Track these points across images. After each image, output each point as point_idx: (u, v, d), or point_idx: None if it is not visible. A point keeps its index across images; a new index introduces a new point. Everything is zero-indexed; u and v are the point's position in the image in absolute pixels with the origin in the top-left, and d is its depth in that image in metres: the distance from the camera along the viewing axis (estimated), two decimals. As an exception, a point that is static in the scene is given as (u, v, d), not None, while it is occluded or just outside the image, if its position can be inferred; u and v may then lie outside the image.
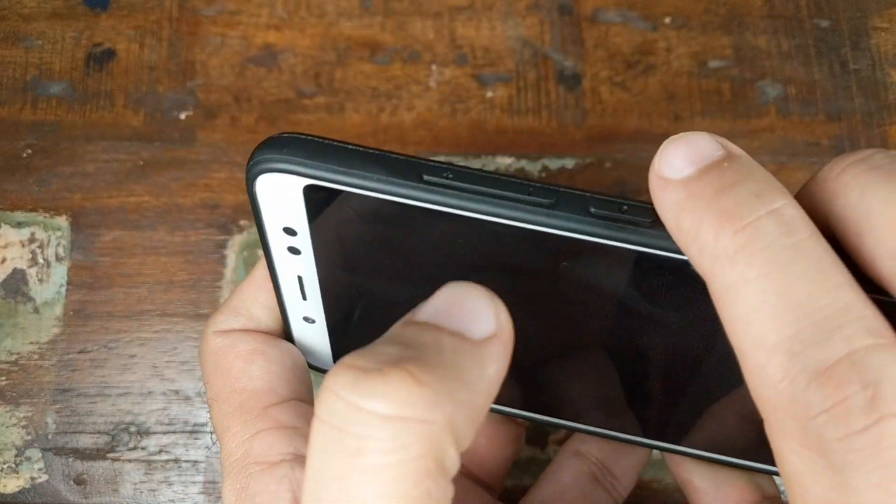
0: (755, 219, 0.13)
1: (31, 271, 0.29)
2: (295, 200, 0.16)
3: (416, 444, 0.12)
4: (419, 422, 0.12)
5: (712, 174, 0.14)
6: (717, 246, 0.13)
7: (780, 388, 0.12)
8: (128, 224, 0.29)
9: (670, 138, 0.15)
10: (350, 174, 0.15)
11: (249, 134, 0.31)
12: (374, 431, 0.12)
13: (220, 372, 0.20)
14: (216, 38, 0.32)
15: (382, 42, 0.32)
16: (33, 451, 0.27)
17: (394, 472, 0.12)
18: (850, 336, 0.12)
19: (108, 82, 0.31)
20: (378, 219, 0.16)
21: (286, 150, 0.15)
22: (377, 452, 0.12)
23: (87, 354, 0.28)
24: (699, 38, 0.32)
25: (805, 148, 0.31)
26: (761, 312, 0.12)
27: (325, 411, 0.13)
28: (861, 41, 0.32)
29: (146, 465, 0.27)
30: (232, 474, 0.18)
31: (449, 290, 0.14)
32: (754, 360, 0.13)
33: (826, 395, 0.12)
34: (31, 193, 0.30)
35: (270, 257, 0.18)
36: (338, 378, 0.13)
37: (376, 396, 0.12)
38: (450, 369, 0.13)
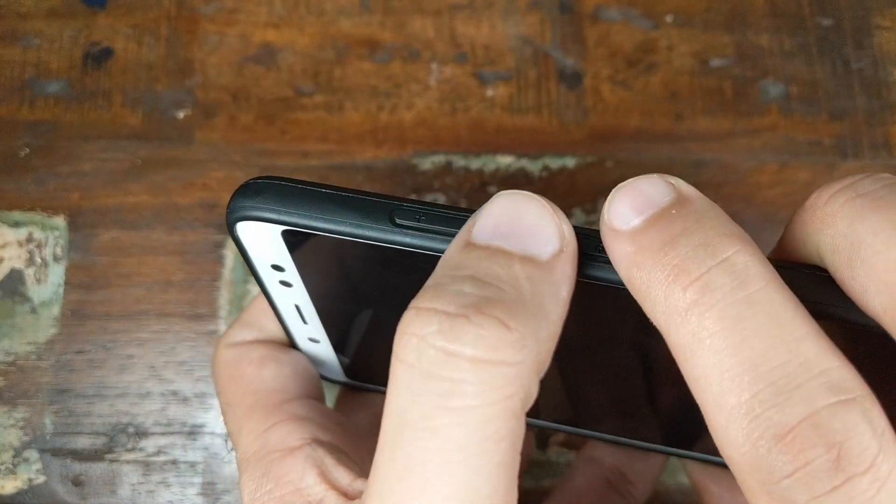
0: (705, 272, 0.12)
1: (29, 271, 0.29)
2: (276, 242, 0.17)
3: (506, 385, 0.12)
4: (508, 364, 0.12)
5: (659, 224, 0.13)
6: (668, 303, 0.13)
7: (742, 451, 0.12)
8: (125, 224, 0.29)
9: (619, 185, 0.14)
10: (323, 220, 0.15)
11: (248, 133, 0.30)
12: (465, 375, 0.12)
13: (233, 379, 0.20)
14: (214, 36, 0.32)
15: (382, 40, 0.32)
16: (31, 453, 0.27)
17: (484, 413, 0.12)
18: (810, 395, 0.11)
19: (106, 81, 0.31)
20: (357, 257, 0.17)
21: (260, 198, 0.16)
22: (468, 395, 0.12)
23: (84, 355, 0.28)
24: (701, 37, 0.32)
25: (807, 147, 0.31)
26: (717, 373, 0.12)
27: (412, 355, 0.13)
28: (863, 40, 0.32)
29: (144, 466, 0.27)
30: (250, 467, 0.18)
31: (504, 204, 0.14)
32: (716, 422, 0.12)
33: (789, 459, 0.11)
34: (28, 193, 0.30)
35: (266, 290, 0.19)
36: (423, 323, 0.13)
37: (467, 343, 0.12)
38: (530, 305, 0.13)
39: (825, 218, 0.14)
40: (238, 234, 0.17)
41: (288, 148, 0.30)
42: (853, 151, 0.31)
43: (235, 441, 0.19)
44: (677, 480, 0.27)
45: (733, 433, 0.12)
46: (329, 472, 0.18)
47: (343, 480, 0.17)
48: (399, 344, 0.13)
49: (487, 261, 0.13)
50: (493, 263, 0.13)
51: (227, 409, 0.20)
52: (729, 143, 0.31)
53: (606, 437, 0.22)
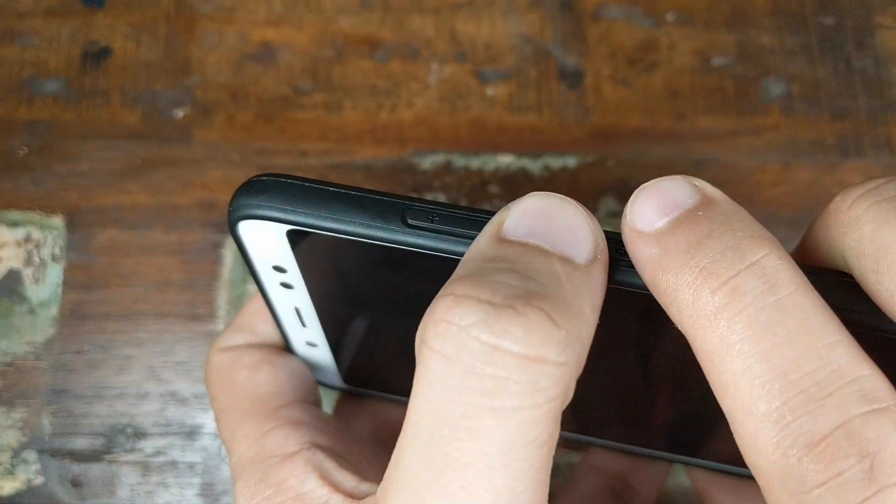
0: (734, 275, 0.12)
1: (27, 271, 0.29)
2: (279, 243, 0.16)
3: (553, 386, 0.12)
4: (556, 364, 0.12)
5: (685, 226, 0.13)
6: (695, 307, 0.12)
7: (771, 460, 0.12)
8: (124, 223, 0.29)
9: (642, 186, 0.14)
10: (331, 219, 0.15)
11: (247, 132, 0.30)
12: (511, 373, 0.12)
13: (226, 384, 0.20)
14: (213, 35, 0.32)
15: (381, 39, 0.32)
16: (29, 453, 0.27)
17: (530, 415, 0.12)
18: (843, 403, 0.11)
19: (104, 80, 0.31)
20: (365, 259, 0.16)
21: (265, 196, 0.15)
22: (514, 395, 0.12)
23: (83, 355, 0.28)
24: (702, 35, 0.32)
25: (809, 146, 0.31)
26: (747, 379, 0.12)
27: (451, 347, 0.12)
28: (865, 39, 0.32)
29: (143, 467, 0.27)
30: (245, 473, 0.17)
31: (539, 203, 0.14)
32: (744, 429, 0.12)
33: (821, 468, 0.11)
34: (26, 192, 0.29)
35: (265, 292, 0.18)
36: (464, 311, 0.12)
37: (515, 337, 0.12)
38: (573, 304, 0.12)
39: (850, 222, 0.13)
40: (240, 234, 0.16)
41: (287, 147, 0.30)
42: (855, 151, 0.31)
43: (229, 447, 0.19)
44: (678, 481, 0.27)
45: (763, 441, 0.12)
46: (331, 476, 0.17)
47: (347, 483, 0.17)
48: (433, 332, 0.12)
49: (527, 255, 0.13)
50: (532, 259, 0.13)
51: (221, 415, 0.19)
52: (730, 143, 0.31)
53: (612, 444, 0.21)
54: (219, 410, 0.20)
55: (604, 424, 0.21)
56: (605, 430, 0.21)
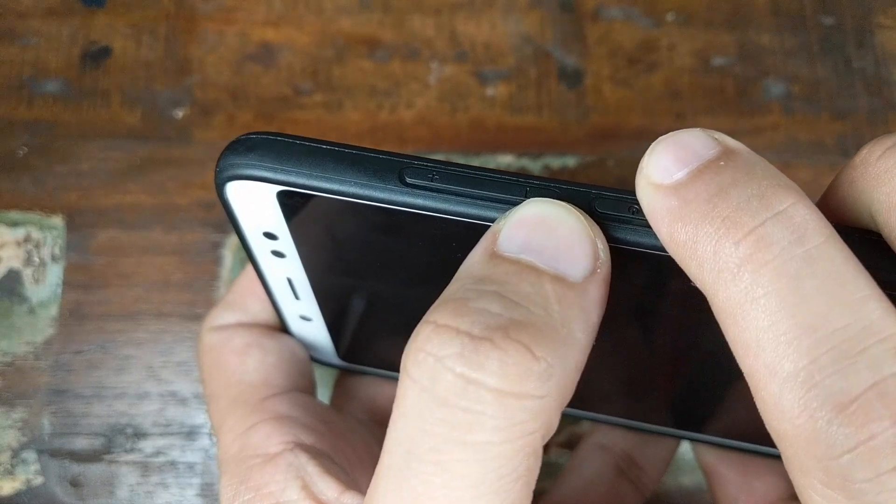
0: (759, 225, 0.11)
1: (27, 271, 0.29)
2: (270, 206, 0.15)
3: (529, 421, 0.11)
4: (533, 398, 0.11)
5: (707, 176, 0.12)
6: (717, 260, 0.11)
7: (797, 423, 0.11)
8: (124, 223, 0.29)
9: (660, 138, 0.13)
10: (325, 178, 0.14)
11: (246, 132, 0.30)
12: (485, 408, 0.11)
13: (216, 368, 0.19)
14: (213, 35, 0.32)
15: (381, 39, 0.32)
16: (29, 454, 0.27)
17: (503, 450, 0.11)
18: (876, 362, 0.10)
19: (104, 80, 0.31)
20: (361, 221, 0.15)
21: (254, 155, 0.14)
22: (487, 430, 0.11)
23: (82, 355, 0.28)
24: (702, 36, 0.32)
25: (809, 147, 0.31)
26: (772, 336, 0.11)
27: (427, 377, 0.12)
28: (865, 39, 0.32)
29: (142, 467, 0.27)
30: (229, 470, 0.17)
31: (537, 213, 0.13)
32: (767, 391, 0.11)
33: (851, 432, 0.10)
34: (26, 192, 0.29)
35: (255, 262, 0.18)
36: (441, 343, 0.12)
37: (491, 371, 0.11)
38: (560, 330, 0.12)
39: (879, 175, 0.13)
40: (227, 197, 0.15)
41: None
42: (855, 151, 0.30)
43: (218, 436, 0.18)
44: (678, 482, 0.27)
45: (788, 403, 0.11)
46: (313, 484, 0.16)
47: (328, 493, 0.16)
48: (411, 361, 0.12)
49: (516, 277, 0.12)
50: (522, 280, 0.12)
51: (211, 401, 0.19)
52: (730, 143, 0.31)
53: (617, 420, 0.21)
54: (209, 396, 0.19)
55: (609, 400, 0.20)
56: (610, 405, 0.21)
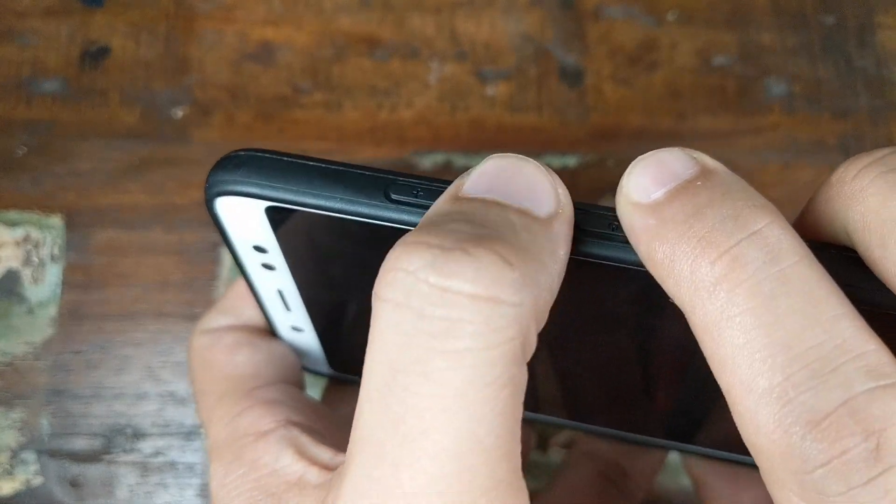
0: (734, 245, 0.12)
1: (26, 271, 0.29)
2: (259, 221, 0.15)
3: (507, 327, 0.11)
4: (510, 304, 0.11)
5: (684, 196, 0.12)
6: (693, 278, 0.12)
7: (772, 438, 0.11)
8: (123, 223, 0.29)
9: (639, 157, 0.13)
10: (312, 195, 0.14)
11: (246, 131, 0.30)
12: (463, 314, 0.11)
13: (205, 365, 0.19)
14: (212, 34, 0.31)
15: (381, 38, 0.32)
16: (28, 454, 0.27)
17: (484, 356, 0.11)
18: (848, 379, 0.11)
19: (103, 80, 0.31)
20: (348, 237, 0.15)
21: (242, 171, 0.14)
22: (468, 336, 0.11)
23: (81, 355, 0.28)
24: (703, 35, 0.32)
25: (810, 146, 0.31)
26: (747, 353, 0.11)
27: (400, 293, 0.12)
28: (867, 38, 0.32)
29: (142, 467, 0.27)
30: (219, 453, 0.17)
31: (498, 163, 0.13)
32: (743, 406, 0.11)
33: (824, 447, 0.11)
34: (25, 192, 0.29)
35: (246, 274, 0.18)
36: (412, 257, 0.12)
37: (465, 277, 0.11)
38: (529, 249, 0.12)
39: (854, 194, 0.13)
40: (217, 211, 0.15)
41: (286, 147, 0.30)
42: (856, 150, 0.31)
43: (207, 429, 0.18)
44: (679, 482, 0.27)
45: (763, 418, 0.11)
46: (307, 450, 0.16)
47: (323, 456, 0.16)
48: (383, 282, 0.12)
49: (483, 208, 0.13)
50: (489, 211, 0.13)
51: (200, 397, 0.19)
52: (731, 142, 0.30)
53: (606, 431, 0.21)
54: (198, 392, 0.19)
55: (596, 410, 0.21)
56: (598, 416, 0.21)
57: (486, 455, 0.12)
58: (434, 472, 0.11)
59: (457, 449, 0.11)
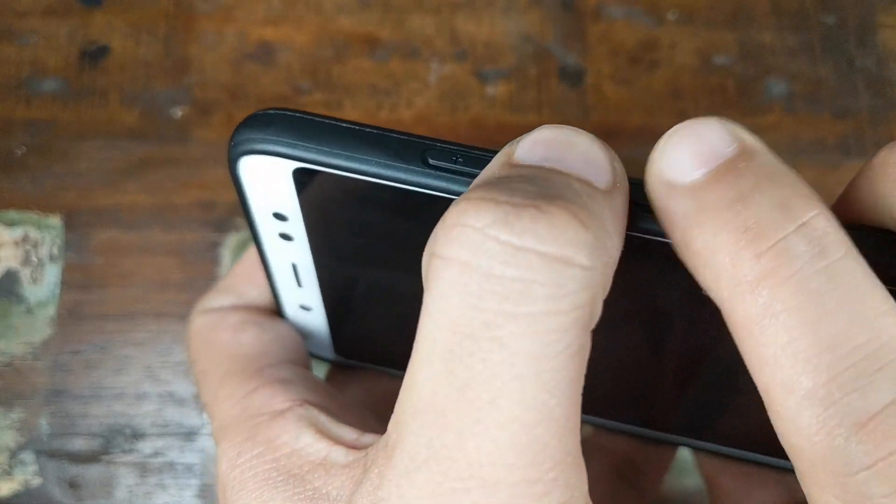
0: (782, 238, 0.11)
1: (25, 271, 0.29)
2: (284, 184, 0.14)
3: (580, 291, 0.11)
4: (582, 267, 0.11)
5: (728, 180, 0.11)
6: (735, 272, 0.11)
7: (815, 440, 0.11)
8: (122, 223, 0.29)
9: (673, 129, 0.12)
10: (345, 157, 0.13)
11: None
12: (536, 275, 0.11)
13: (208, 345, 0.18)
14: (212, 34, 0.31)
15: (381, 38, 0.31)
16: (27, 454, 0.27)
17: (559, 321, 0.11)
18: (895, 379, 0.10)
19: (103, 79, 0.31)
20: (378, 205, 0.14)
21: (271, 130, 0.14)
22: (541, 299, 0.11)
23: (80, 356, 0.28)
24: (703, 34, 0.32)
25: (810, 146, 0.30)
26: (791, 353, 0.11)
27: (466, 251, 0.11)
28: (867, 38, 0.32)
29: (141, 468, 0.27)
30: (229, 434, 0.16)
31: (552, 133, 0.12)
32: (783, 406, 0.11)
33: (869, 449, 0.10)
34: (24, 192, 0.29)
35: (260, 244, 0.17)
36: (480, 213, 0.11)
37: (539, 235, 0.11)
38: (598, 215, 0.11)
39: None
40: (240, 173, 0.14)
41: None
42: (857, 150, 0.30)
43: (211, 411, 0.17)
44: (679, 483, 0.27)
45: (806, 420, 0.11)
46: (328, 430, 0.15)
47: (347, 435, 0.15)
48: (445, 239, 0.11)
49: (543, 173, 0.12)
50: (550, 176, 0.12)
51: (202, 378, 0.18)
52: (732, 142, 0.30)
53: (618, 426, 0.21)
54: (200, 374, 0.18)
55: (610, 404, 0.20)
56: (611, 410, 0.20)
57: (557, 426, 0.11)
58: (503, 442, 0.11)
59: (528, 418, 0.11)
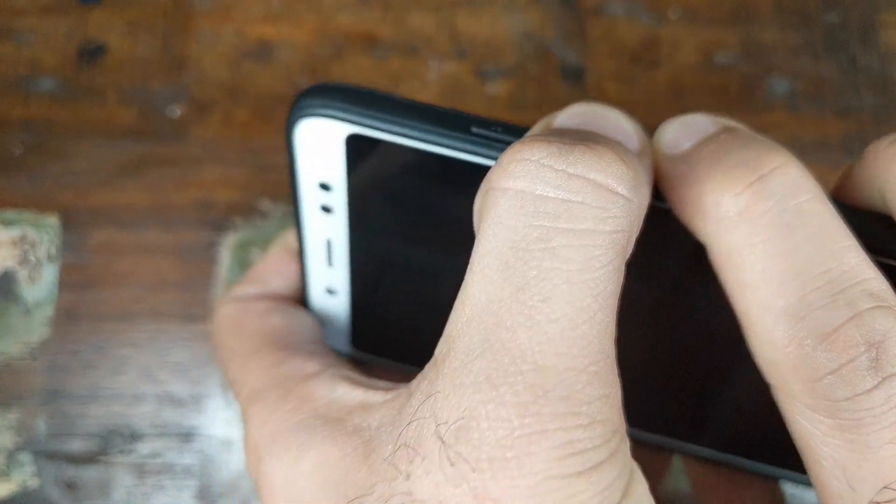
0: (756, 179, 0.13)
1: (22, 271, 0.28)
2: (335, 151, 0.16)
3: (622, 217, 0.12)
4: (624, 198, 0.12)
5: (710, 144, 0.14)
6: (718, 210, 0.13)
7: (787, 351, 0.12)
8: (120, 223, 0.29)
9: (663, 123, 0.15)
10: (397, 123, 0.15)
11: (244, 130, 0.30)
12: (586, 198, 0.12)
13: (236, 329, 0.19)
14: (210, 32, 0.31)
15: (380, 36, 0.31)
16: (24, 455, 0.27)
17: (603, 239, 0.12)
18: (853, 299, 0.12)
19: (100, 78, 0.31)
20: (421, 175, 0.16)
21: (331, 96, 0.15)
22: (589, 218, 0.12)
23: (78, 356, 0.28)
24: (705, 33, 0.32)
25: (813, 145, 0.30)
26: (767, 278, 0.13)
27: (523, 180, 0.12)
28: (870, 36, 0.32)
29: (139, 469, 0.27)
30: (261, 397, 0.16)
31: (585, 107, 0.15)
32: (761, 325, 0.13)
33: (833, 356, 0.12)
34: (21, 191, 0.29)
35: (300, 217, 0.18)
36: (534, 149, 0.13)
37: (588, 165, 0.12)
38: (634, 164, 0.13)
39: (890, 157, 0.14)
40: (295, 138, 0.16)
41: (284, 145, 0.30)
42: (859, 149, 0.30)
43: (241, 382, 0.17)
44: (678, 485, 0.27)
45: (780, 335, 0.13)
46: (363, 382, 0.16)
47: (382, 384, 0.16)
48: (503, 173, 0.13)
49: (583, 133, 0.14)
50: (589, 134, 0.14)
51: (230, 358, 0.18)
52: (734, 141, 0.30)
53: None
54: (227, 355, 0.19)
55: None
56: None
57: (598, 328, 0.12)
58: (553, 334, 0.12)
59: (575, 317, 0.12)
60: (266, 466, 0.15)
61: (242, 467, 0.27)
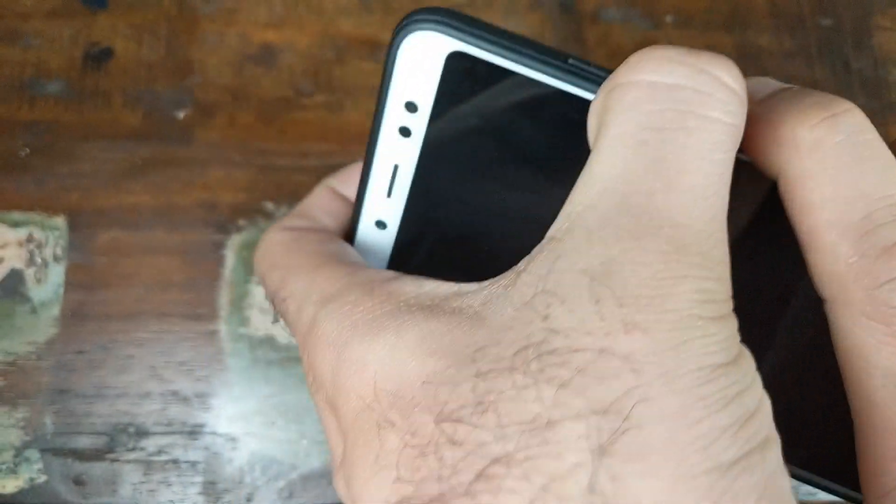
0: (830, 115, 0.14)
1: (29, 271, 0.29)
2: (432, 69, 0.16)
3: (739, 114, 0.14)
4: (741, 99, 0.14)
5: (786, 92, 0.15)
6: (795, 139, 0.14)
7: (850, 262, 0.14)
8: (125, 224, 0.29)
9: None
10: (500, 45, 0.16)
11: (247, 132, 0.30)
12: (714, 91, 0.13)
13: (294, 250, 0.19)
14: (214, 36, 0.32)
15: (382, 40, 0.32)
16: (32, 452, 0.27)
17: (728, 129, 0.13)
18: None
19: (106, 81, 0.31)
20: (511, 102, 0.16)
21: (442, 13, 0.16)
22: (718, 109, 0.13)
23: (84, 355, 0.28)
24: (701, 37, 0.32)
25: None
26: (836, 197, 0.14)
27: (654, 74, 0.13)
28: (863, 40, 0.32)
29: (145, 465, 0.27)
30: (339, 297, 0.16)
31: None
32: (826, 240, 0.14)
33: (893, 266, 0.13)
34: (28, 193, 0.30)
35: (375, 139, 0.18)
36: (666, 48, 0.14)
37: (715, 65, 0.13)
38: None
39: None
40: (399, 52, 0.16)
41: (287, 148, 0.30)
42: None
43: (306, 292, 0.17)
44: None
45: (845, 248, 0.14)
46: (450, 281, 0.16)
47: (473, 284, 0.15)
48: (629, 69, 0.14)
49: None
50: None
51: (290, 275, 0.18)
52: (729, 144, 0.31)
53: None
54: (284, 271, 0.18)
55: None
56: None
57: (721, 205, 0.13)
58: (687, 200, 0.13)
59: (706, 190, 0.13)
60: (353, 352, 0.14)
61: (247, 463, 0.28)
